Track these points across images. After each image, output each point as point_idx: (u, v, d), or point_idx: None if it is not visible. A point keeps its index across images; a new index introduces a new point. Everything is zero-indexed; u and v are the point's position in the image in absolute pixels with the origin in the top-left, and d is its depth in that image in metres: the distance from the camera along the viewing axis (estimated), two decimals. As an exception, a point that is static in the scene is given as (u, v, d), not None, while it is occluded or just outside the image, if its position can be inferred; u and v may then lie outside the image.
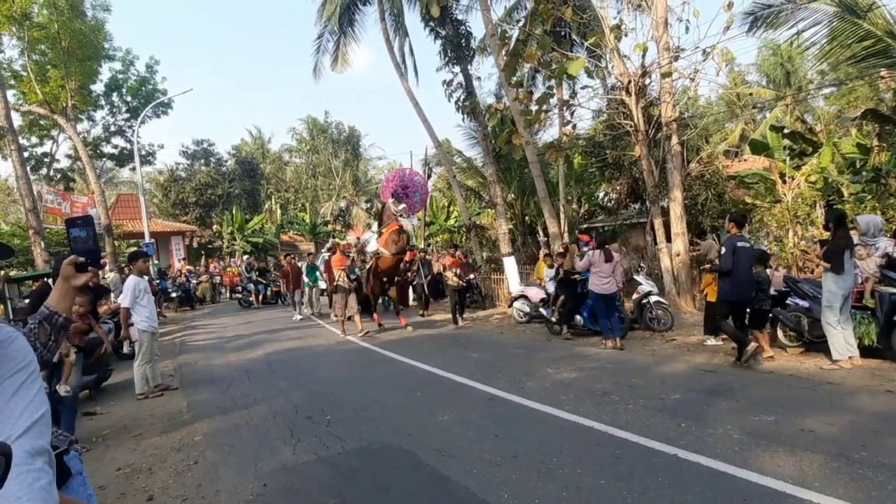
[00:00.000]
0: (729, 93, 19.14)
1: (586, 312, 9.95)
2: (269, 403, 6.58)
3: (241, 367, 9.11)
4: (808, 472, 3.75)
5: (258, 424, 5.74)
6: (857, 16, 8.90)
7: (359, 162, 48.83)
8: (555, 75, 13.01)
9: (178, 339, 13.45)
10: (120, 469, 4.78)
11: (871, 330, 6.79)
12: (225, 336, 13.28)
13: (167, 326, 15.69)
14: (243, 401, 6.82)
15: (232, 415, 6.22)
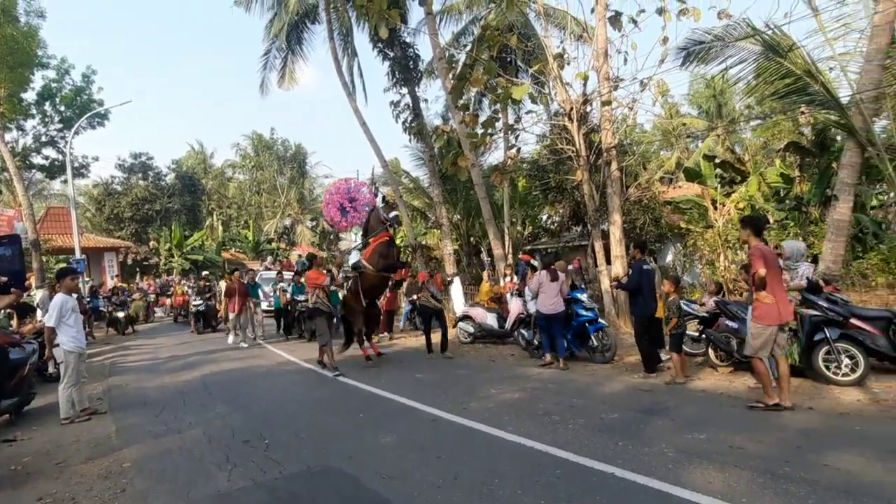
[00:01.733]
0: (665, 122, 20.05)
1: (570, 335, 9.57)
2: (205, 427, 6.34)
3: (175, 390, 8.76)
4: (736, 487, 3.90)
5: (192, 449, 5.52)
6: (780, 55, 9.52)
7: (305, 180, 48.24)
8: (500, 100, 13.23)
9: (108, 360, 12.81)
10: (41, 499, 4.50)
11: (793, 350, 7.17)
12: (159, 357, 12.75)
13: (97, 347, 14.93)
14: (177, 425, 6.55)
15: (164, 440, 5.97)
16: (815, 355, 6.96)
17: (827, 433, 5.10)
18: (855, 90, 9.31)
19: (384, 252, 10.10)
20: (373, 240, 10.29)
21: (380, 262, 10.04)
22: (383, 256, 10.06)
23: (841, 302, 7.25)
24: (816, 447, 4.66)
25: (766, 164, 17.27)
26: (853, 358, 6.75)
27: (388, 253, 10.19)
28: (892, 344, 6.94)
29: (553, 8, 16.63)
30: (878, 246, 13.05)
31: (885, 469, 4.13)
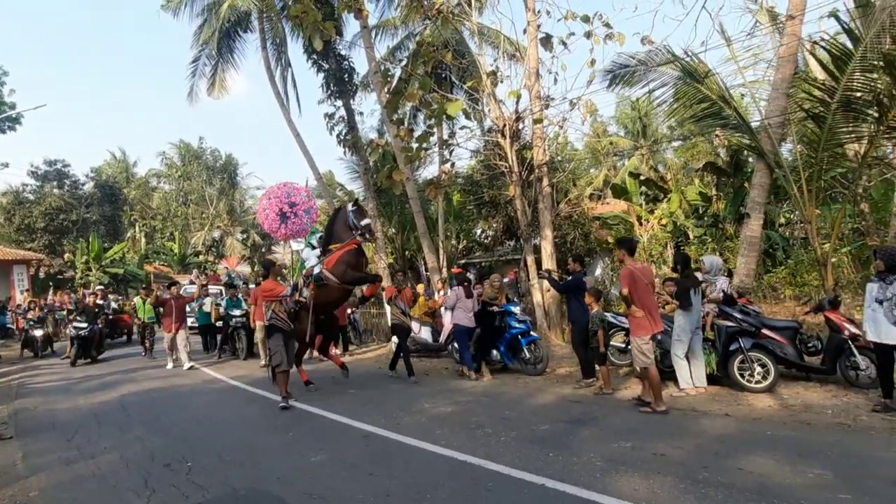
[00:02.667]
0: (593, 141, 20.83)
1: (503, 347, 9.64)
2: (121, 451, 5.99)
3: (90, 412, 8.24)
4: (659, 493, 4.06)
5: (107, 475, 5.20)
6: (697, 81, 10.11)
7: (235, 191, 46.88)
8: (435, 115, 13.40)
9: (15, 381, 11.91)
10: (-69, 537, 4.12)
11: (711, 359, 7.56)
12: (73, 377, 11.96)
13: (3, 368, 13.87)
14: (90, 449, 6.16)
15: (76, 466, 5.59)
16: (731, 364, 7.36)
17: (742, 438, 5.39)
18: (763, 116, 9.99)
19: (352, 262, 8.73)
20: (337, 248, 8.81)
21: (347, 272, 8.63)
22: (351, 266, 8.68)
23: (753, 313, 7.71)
24: (732, 452, 4.91)
25: (686, 182, 18.21)
26: (765, 366, 7.18)
27: (356, 263, 8.83)
28: (798, 352, 7.45)
29: (487, 27, 17.01)
30: (786, 261, 13.98)
31: (794, 471, 4.39)
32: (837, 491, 3.95)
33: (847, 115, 8.95)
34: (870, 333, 6.14)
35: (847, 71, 8.47)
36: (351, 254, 8.78)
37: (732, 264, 11.11)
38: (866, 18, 8.25)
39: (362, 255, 9.17)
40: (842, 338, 7.06)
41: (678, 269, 7.66)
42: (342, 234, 8.93)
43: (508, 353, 9.61)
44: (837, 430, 5.63)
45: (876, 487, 4.01)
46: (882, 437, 5.31)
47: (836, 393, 6.94)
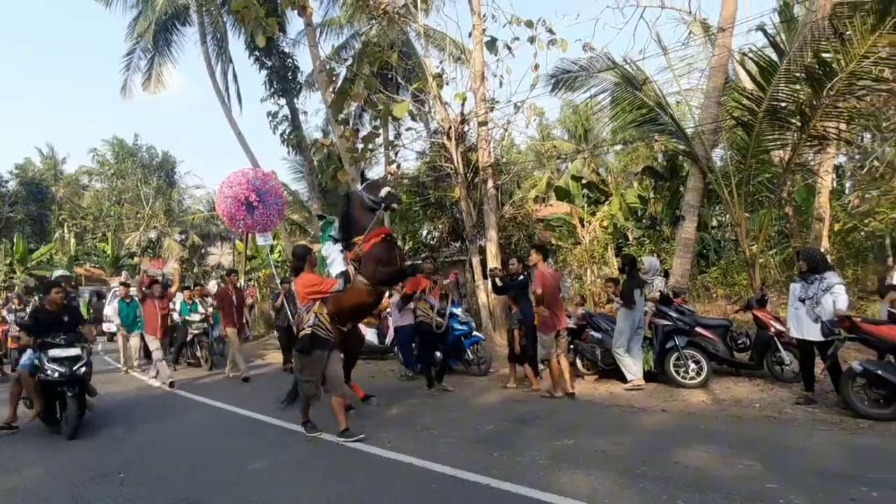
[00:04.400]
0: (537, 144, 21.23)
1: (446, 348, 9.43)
2: (47, 464, 5.67)
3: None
4: (600, 489, 4.17)
5: (35, 490, 4.92)
6: (636, 88, 10.47)
7: (173, 190, 45.15)
8: (381, 116, 13.41)
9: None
10: None
11: (649, 357, 7.84)
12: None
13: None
14: (14, 462, 5.81)
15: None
16: (667, 361, 7.66)
17: (678, 433, 5.61)
18: (697, 123, 10.44)
19: (384, 256, 6.78)
20: (364, 238, 6.83)
21: (378, 271, 6.68)
22: (383, 262, 6.73)
23: (688, 312, 8.05)
24: (669, 446, 5.11)
25: (626, 185, 18.78)
26: (698, 363, 7.50)
27: (389, 258, 6.86)
28: (729, 349, 7.83)
29: (433, 29, 17.08)
30: (718, 261, 14.64)
31: (726, 463, 4.61)
32: (765, 481, 4.16)
33: (773, 124, 9.45)
34: (793, 330, 6.51)
35: (773, 82, 8.94)
36: (380, 247, 6.80)
37: (669, 265, 11.54)
38: (790, 33, 8.76)
39: (395, 247, 7.30)
40: (768, 335, 7.46)
41: (625, 271, 7.89)
42: (363, 218, 6.96)
43: (452, 355, 9.65)
44: (765, 422, 5.95)
45: (800, 476, 4.25)
46: (804, 428, 5.64)
47: (764, 387, 7.32)
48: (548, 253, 7.58)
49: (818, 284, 6.25)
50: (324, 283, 5.95)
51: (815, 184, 11.94)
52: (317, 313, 5.83)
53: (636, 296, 7.49)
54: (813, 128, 9.01)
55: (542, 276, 7.49)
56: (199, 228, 38.04)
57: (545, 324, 7.42)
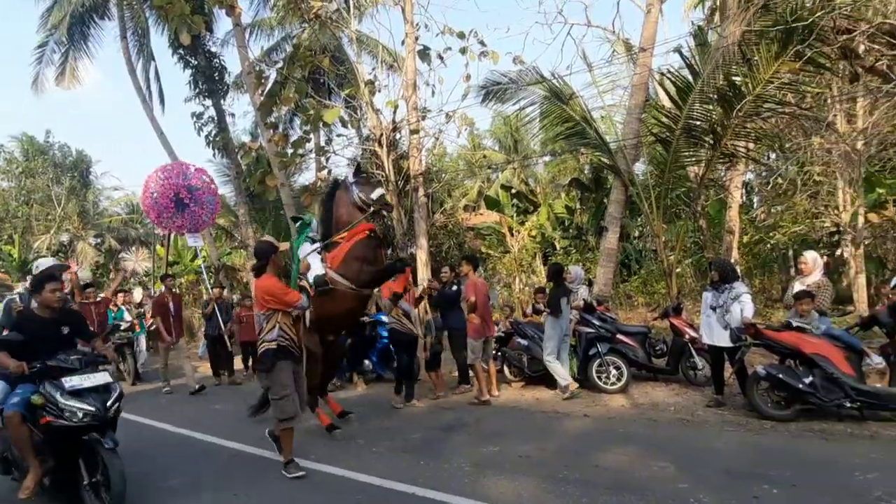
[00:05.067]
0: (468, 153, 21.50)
1: (375, 356, 9.50)
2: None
3: None
4: (523, 494, 4.25)
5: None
6: (563, 101, 10.79)
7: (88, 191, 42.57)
8: (311, 121, 13.20)
9: None
10: None
11: (573, 363, 8.07)
12: None
13: None
14: None
15: None
16: (590, 367, 7.91)
17: (598, 437, 5.80)
18: (620, 137, 10.88)
19: (367, 255, 6.22)
20: (344, 237, 6.26)
21: (362, 271, 6.13)
22: (367, 262, 6.20)
23: (610, 320, 8.35)
24: (590, 450, 5.27)
25: (554, 196, 19.31)
26: (619, 368, 7.79)
27: (374, 257, 6.33)
28: (647, 355, 8.18)
29: (366, 35, 16.99)
30: (639, 271, 15.30)
31: (642, 465, 4.80)
32: (678, 481, 4.37)
33: (688, 141, 9.98)
34: (705, 337, 6.89)
35: (688, 101, 9.45)
36: (364, 244, 6.22)
37: (593, 274, 11.94)
38: (704, 56, 9.28)
39: (380, 246, 6.64)
40: (683, 341, 7.85)
41: (552, 280, 8.08)
42: (348, 215, 6.34)
43: (381, 363, 9.59)
44: (678, 425, 6.25)
45: (709, 476, 4.48)
46: (714, 429, 5.96)
47: (678, 391, 7.69)
48: (478, 263, 7.78)
49: (728, 293, 6.63)
50: (287, 294, 5.08)
51: (727, 198, 12.69)
52: (280, 324, 5.03)
53: (563, 304, 7.70)
54: (724, 146, 9.57)
55: (474, 285, 7.82)
56: (116, 232, 36.02)
57: (476, 330, 7.65)
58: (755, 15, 8.39)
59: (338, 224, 6.41)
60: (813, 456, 4.94)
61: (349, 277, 6.08)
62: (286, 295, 5.06)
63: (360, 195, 6.26)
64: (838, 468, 4.52)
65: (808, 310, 6.21)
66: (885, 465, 4.50)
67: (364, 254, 6.19)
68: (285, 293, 5.08)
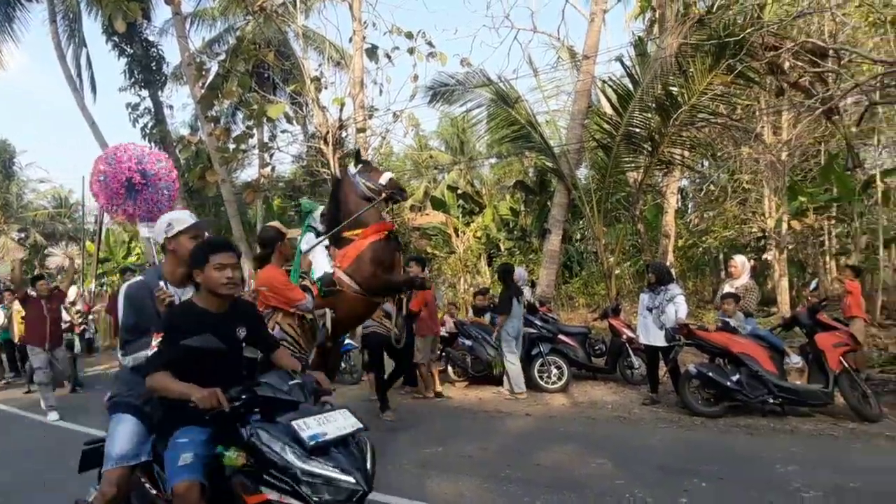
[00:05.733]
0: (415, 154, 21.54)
1: None
2: None
3: None
4: (466, 494, 4.31)
5: None
6: (509, 105, 11.00)
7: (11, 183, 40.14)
8: (254, 116, 12.92)
9: None
10: None
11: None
12: None
13: None
14: None
15: None
16: (532, 367, 8.06)
17: (540, 436, 5.93)
18: (563, 142, 11.16)
19: (384, 259, 5.39)
20: (358, 234, 5.41)
21: (375, 276, 5.29)
22: (383, 267, 5.37)
23: (552, 321, 8.56)
24: (531, 449, 5.39)
25: (499, 198, 19.57)
26: (560, 368, 7.99)
27: (391, 262, 5.55)
28: (587, 354, 8.42)
29: (312, 31, 16.74)
30: (580, 272, 15.69)
31: (581, 462, 4.95)
32: (614, 477, 4.52)
33: (628, 148, 10.35)
34: (642, 337, 7.15)
35: (629, 109, 9.80)
36: (382, 247, 5.39)
37: (537, 275, 12.18)
38: (644, 66, 9.64)
39: (398, 248, 5.91)
40: (621, 341, 8.12)
41: (502, 279, 8.17)
42: (357, 208, 5.45)
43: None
44: (616, 422, 6.46)
45: (644, 471, 4.66)
46: (649, 426, 6.20)
47: (616, 389, 7.95)
48: (425, 264, 7.79)
49: (663, 295, 6.90)
50: (290, 289, 4.30)
51: (663, 204, 13.20)
52: (280, 324, 4.22)
53: (514, 304, 7.79)
54: (661, 153, 9.98)
55: None
56: (42, 226, 34.13)
57: (424, 329, 7.72)
58: (691, 29, 8.78)
59: (346, 214, 5.52)
60: (739, 450, 5.22)
61: (360, 281, 5.28)
62: (289, 290, 4.27)
63: (368, 184, 5.50)
64: (762, 462, 4.79)
65: (731, 310, 6.56)
66: (804, 458, 4.80)
67: (381, 257, 5.36)
68: (288, 288, 4.30)
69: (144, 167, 7.47)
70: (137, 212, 7.53)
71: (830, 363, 5.91)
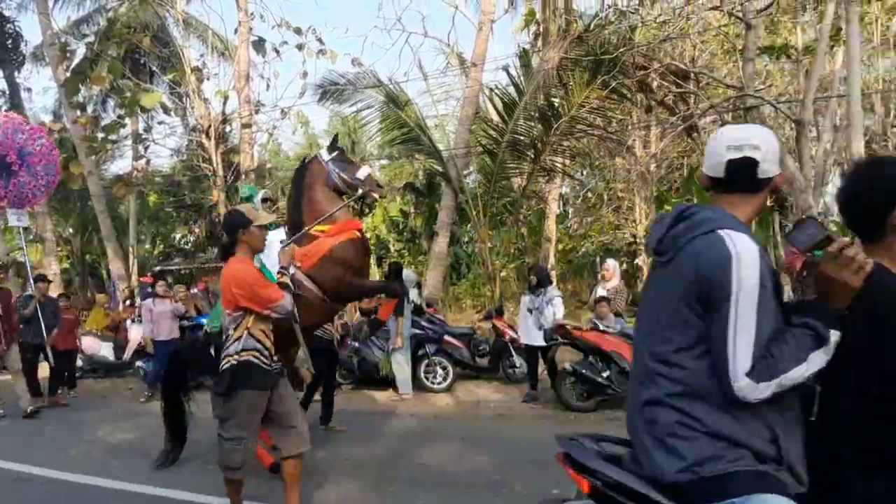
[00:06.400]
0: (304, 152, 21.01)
1: None
2: None
3: None
4: (348, 497, 4.30)
5: None
6: (399, 107, 11.05)
7: None
8: (127, 104, 12.05)
9: None
10: None
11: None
12: None
13: None
14: None
15: None
16: (418, 368, 8.15)
17: (424, 436, 6.00)
18: (451, 146, 11.39)
19: (354, 261, 4.74)
20: (325, 231, 4.66)
21: (344, 282, 4.63)
22: (353, 271, 4.71)
23: (438, 322, 8.69)
24: (415, 450, 5.45)
25: (389, 199, 19.57)
26: (445, 369, 8.14)
27: (361, 266, 4.93)
28: (472, 355, 8.64)
29: (194, 18, 15.87)
30: (467, 274, 16.06)
31: (463, 460, 5.08)
32: (494, 473, 4.69)
33: (513, 154, 10.76)
34: (523, 337, 7.47)
35: (514, 117, 10.19)
36: (352, 247, 4.74)
37: (426, 277, 12.32)
38: (528, 77, 10.07)
39: (368, 253, 5.30)
40: (504, 341, 8.41)
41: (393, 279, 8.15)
42: (325, 201, 4.80)
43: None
44: (497, 420, 6.70)
45: (522, 467, 4.85)
46: (528, 423, 6.50)
47: (499, 388, 8.23)
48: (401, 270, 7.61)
49: (543, 297, 7.24)
50: (265, 287, 3.55)
51: (545, 209, 13.85)
52: (250, 330, 3.53)
53: (404, 305, 7.81)
54: (543, 161, 10.47)
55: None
56: None
57: None
58: (571, 44, 9.31)
59: (313, 212, 4.76)
60: (608, 441, 5.58)
61: (322, 284, 4.55)
62: (263, 288, 3.53)
63: (343, 175, 4.82)
64: (626, 451, 5.16)
65: (605, 312, 7.02)
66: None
67: (350, 259, 4.68)
68: (262, 285, 3.55)
69: (23, 144, 6.41)
70: (9, 196, 6.40)
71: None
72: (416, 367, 8.15)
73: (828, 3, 7.98)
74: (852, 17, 7.48)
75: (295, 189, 5.10)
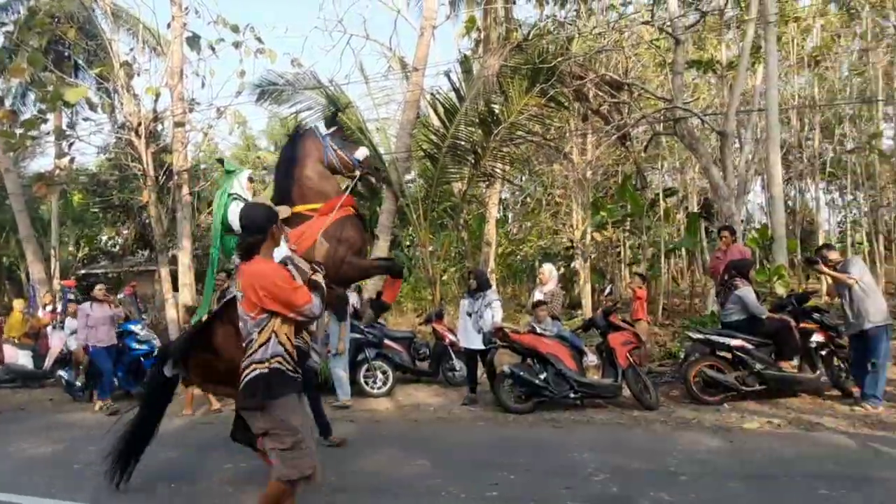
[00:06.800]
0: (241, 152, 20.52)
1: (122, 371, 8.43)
2: None
3: None
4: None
5: None
6: (339, 109, 10.86)
7: None
8: (49, 99, 11.39)
9: None
10: None
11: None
12: None
13: None
14: None
15: None
16: (358, 373, 8.07)
17: (363, 441, 5.95)
18: (392, 150, 11.36)
19: (354, 241, 4.49)
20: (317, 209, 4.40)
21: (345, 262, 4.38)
22: (353, 250, 4.46)
23: (378, 326, 8.64)
24: (353, 455, 5.40)
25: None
26: (385, 373, 8.11)
27: (362, 244, 4.70)
28: (412, 358, 8.65)
29: (124, 10, 15.22)
30: (409, 278, 16.03)
31: (403, 464, 5.07)
32: (432, 476, 4.71)
33: (454, 159, 10.84)
34: (462, 340, 7.52)
35: (454, 122, 10.27)
36: (351, 224, 4.48)
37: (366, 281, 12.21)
38: (469, 83, 10.18)
39: (366, 227, 5.04)
40: (443, 345, 8.46)
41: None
42: (319, 179, 4.51)
43: (129, 378, 8.61)
44: (437, 423, 6.73)
45: (459, 468, 4.91)
46: (467, 425, 6.55)
47: (439, 391, 8.26)
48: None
49: (482, 300, 7.33)
50: (294, 291, 3.22)
51: (485, 213, 14.01)
52: (276, 333, 3.18)
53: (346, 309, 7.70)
54: (484, 166, 10.61)
55: None
56: None
57: None
58: (511, 52, 9.49)
59: (302, 190, 4.47)
60: (545, 442, 5.70)
61: (329, 263, 4.17)
62: (294, 291, 3.21)
63: (341, 154, 4.52)
64: (564, 450, 5.29)
65: (543, 316, 7.18)
66: (597, 444, 5.40)
67: (350, 237, 4.40)
68: (293, 287, 3.24)
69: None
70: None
71: (619, 360, 6.70)
72: (356, 371, 8.08)
73: (749, 24, 8.46)
74: (770, 36, 7.98)
75: (284, 163, 4.73)
